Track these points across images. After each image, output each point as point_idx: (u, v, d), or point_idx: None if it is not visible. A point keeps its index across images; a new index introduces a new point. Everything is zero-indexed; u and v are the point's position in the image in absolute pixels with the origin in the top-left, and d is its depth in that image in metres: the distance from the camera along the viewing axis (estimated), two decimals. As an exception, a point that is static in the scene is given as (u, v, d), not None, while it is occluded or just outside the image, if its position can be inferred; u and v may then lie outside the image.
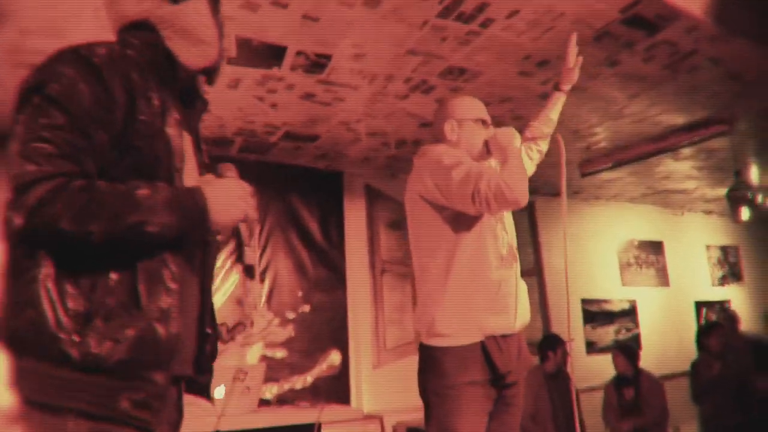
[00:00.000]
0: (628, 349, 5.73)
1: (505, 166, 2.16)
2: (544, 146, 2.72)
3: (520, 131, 2.50)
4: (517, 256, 2.36)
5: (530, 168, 2.67)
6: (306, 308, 5.20)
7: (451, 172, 2.12)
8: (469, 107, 2.45)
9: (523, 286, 2.36)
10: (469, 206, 2.09)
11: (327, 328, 5.27)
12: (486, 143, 2.36)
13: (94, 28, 3.06)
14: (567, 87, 2.68)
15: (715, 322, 7.24)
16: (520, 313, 2.29)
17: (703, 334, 5.62)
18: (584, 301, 7.14)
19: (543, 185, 6.66)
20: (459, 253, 2.20)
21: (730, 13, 3.44)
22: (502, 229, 2.33)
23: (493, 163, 2.46)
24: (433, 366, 2.19)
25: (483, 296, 2.18)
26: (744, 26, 3.54)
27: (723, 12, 3.41)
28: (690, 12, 3.28)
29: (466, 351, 2.15)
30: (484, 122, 2.42)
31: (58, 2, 2.83)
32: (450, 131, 2.40)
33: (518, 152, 2.23)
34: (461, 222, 2.22)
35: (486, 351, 2.14)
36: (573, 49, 2.60)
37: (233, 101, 4.06)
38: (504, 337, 2.21)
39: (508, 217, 2.41)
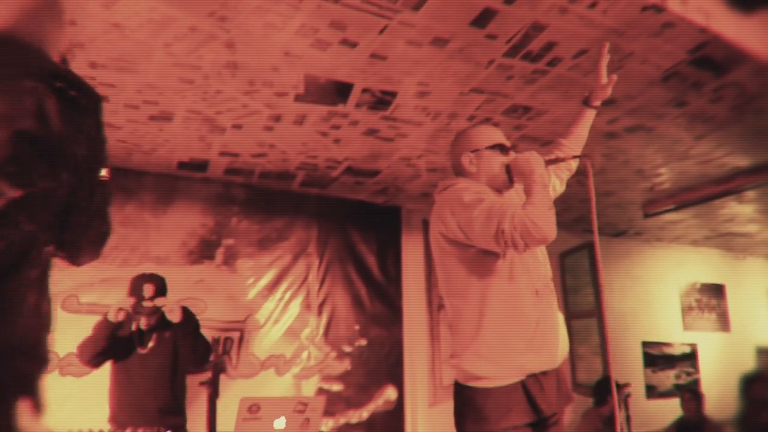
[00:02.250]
0: (697, 394, 5.59)
1: (529, 199, 1.99)
2: (573, 165, 2.57)
3: (582, 167, 2.39)
4: (553, 287, 2.23)
5: (560, 188, 2.55)
6: (363, 342, 5.21)
7: (472, 212, 1.99)
8: (485, 135, 2.30)
9: (560, 318, 2.23)
10: (494, 246, 1.97)
11: (383, 363, 5.26)
12: (507, 170, 2.22)
13: (165, 63, 3.19)
14: (598, 103, 2.54)
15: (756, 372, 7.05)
16: (561, 348, 2.17)
17: (748, 383, 5.48)
18: (645, 344, 6.99)
19: (604, 225, 6.58)
20: (491, 292, 2.08)
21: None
22: (535, 261, 2.19)
23: (515, 193, 2.32)
24: (471, 409, 2.07)
25: (520, 335, 2.06)
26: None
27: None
28: (757, 54, 3.24)
29: (507, 393, 2.02)
30: (502, 148, 2.27)
31: (128, 36, 2.95)
32: (468, 163, 2.26)
33: (542, 179, 2.04)
34: (489, 259, 2.08)
35: (528, 393, 2.03)
36: (605, 63, 2.48)
37: (298, 136, 4.14)
38: (544, 373, 2.09)
39: (543, 249, 2.27)
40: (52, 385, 4.07)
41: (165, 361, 3.57)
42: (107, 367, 3.55)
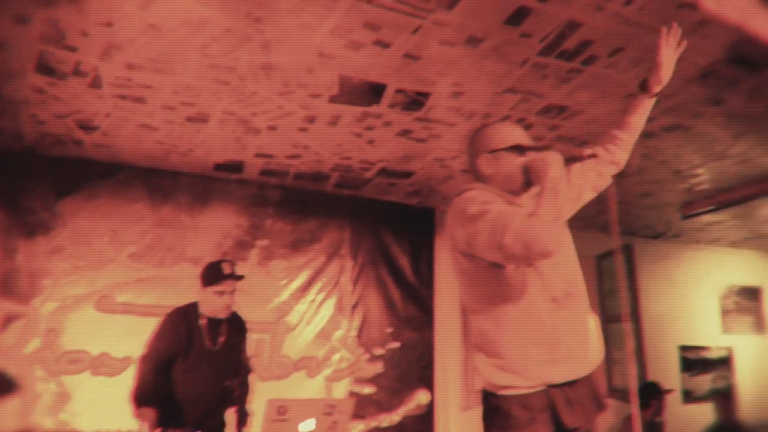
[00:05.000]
0: (731, 398, 5.51)
1: (536, 208, 1.86)
2: (622, 159, 2.34)
3: (623, 169, 2.32)
4: (579, 292, 2.09)
5: (601, 183, 2.34)
6: (395, 345, 5.20)
7: (477, 225, 1.89)
8: (503, 135, 2.15)
9: (592, 323, 2.12)
10: (500, 260, 1.90)
11: (415, 366, 5.24)
12: (525, 171, 2.07)
13: (201, 64, 3.22)
14: (657, 89, 2.24)
15: None
16: (591, 355, 2.07)
17: None
18: (683, 348, 6.89)
19: (641, 227, 6.48)
20: (504, 303, 2.00)
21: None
22: (553, 267, 2.05)
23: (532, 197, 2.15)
24: (497, 416, 2.00)
25: (538, 346, 1.97)
26: None
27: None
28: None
29: (531, 400, 1.96)
30: (520, 148, 2.10)
31: (165, 37, 2.98)
32: (484, 166, 2.14)
33: (555, 184, 1.90)
34: (501, 270, 1.99)
35: (552, 403, 1.96)
36: (665, 43, 2.18)
37: (332, 137, 4.16)
38: (572, 383, 2.00)
39: (564, 253, 2.11)
40: (84, 385, 4.17)
41: (232, 359, 3.49)
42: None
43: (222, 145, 4.32)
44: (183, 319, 3.45)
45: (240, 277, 3.52)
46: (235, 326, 3.60)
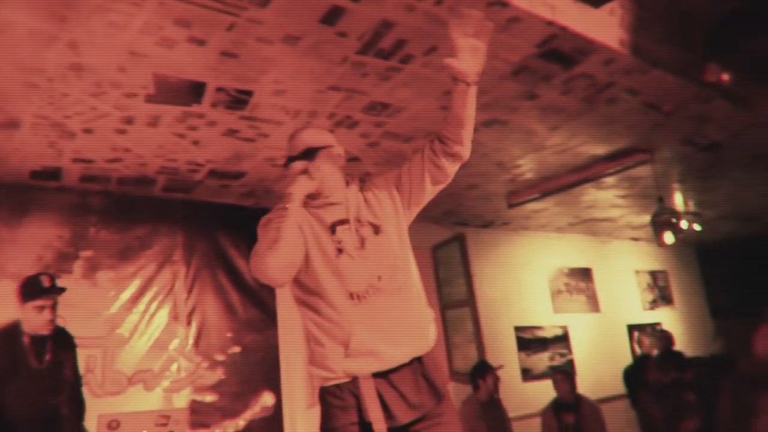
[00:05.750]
0: (569, 374, 5.80)
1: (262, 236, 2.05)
2: (458, 148, 2.19)
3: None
4: (388, 286, 2.11)
5: (440, 176, 2.24)
6: (236, 349, 5.08)
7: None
8: (292, 144, 2.31)
9: (410, 313, 2.14)
10: None
11: (259, 369, 5.15)
12: None
13: (6, 67, 2.97)
14: (462, 77, 2.07)
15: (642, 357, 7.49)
16: (406, 344, 2.08)
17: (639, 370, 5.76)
18: (518, 329, 7.22)
19: (472, 217, 6.76)
20: (304, 306, 2.16)
21: (646, 45, 3.55)
22: (352, 264, 2.10)
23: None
24: (322, 406, 2.12)
25: (333, 341, 2.05)
26: (660, 57, 3.66)
27: (639, 44, 3.51)
28: (606, 45, 3.36)
29: (340, 392, 2.05)
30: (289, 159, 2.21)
31: None
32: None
33: (288, 207, 2.02)
34: (297, 280, 2.13)
35: (356, 394, 2.03)
36: (458, 31, 2.05)
37: (153, 139, 3.97)
38: (395, 371, 2.05)
39: (372, 248, 2.14)
40: None
41: (60, 376, 3.35)
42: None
43: (37, 152, 4.01)
44: (5, 339, 3.27)
45: (61, 290, 3.38)
46: (62, 342, 3.44)
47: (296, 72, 3.32)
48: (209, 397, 4.86)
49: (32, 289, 3.32)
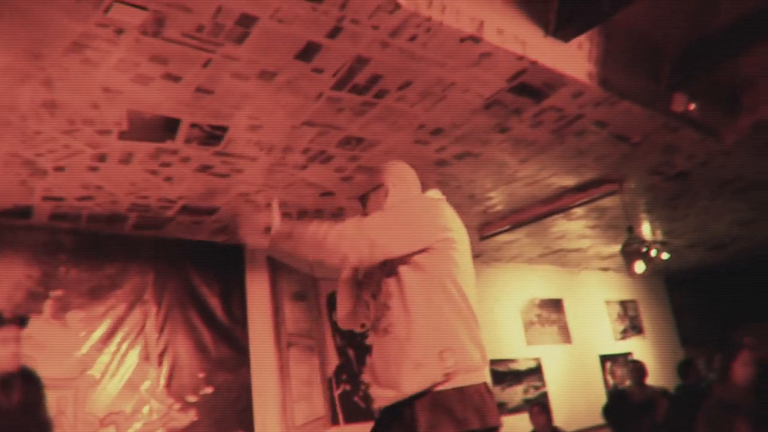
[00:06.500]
0: (545, 406, 5.80)
1: None
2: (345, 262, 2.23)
3: None
4: (381, 324, 2.13)
5: None
6: (209, 390, 4.97)
7: None
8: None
9: (392, 349, 2.05)
10: None
11: (232, 409, 5.04)
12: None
13: None
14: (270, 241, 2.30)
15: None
16: (386, 386, 2.03)
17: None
18: (492, 362, 7.18)
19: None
20: None
21: (614, 77, 3.64)
22: (371, 299, 2.29)
23: None
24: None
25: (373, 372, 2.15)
26: (628, 89, 3.75)
27: (607, 76, 3.60)
28: (575, 78, 3.44)
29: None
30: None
31: None
32: None
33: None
34: None
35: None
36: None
37: (125, 176, 3.93)
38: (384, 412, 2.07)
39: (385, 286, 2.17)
40: None
41: (32, 418, 3.27)
42: None
43: (7, 190, 3.95)
44: None
45: (24, 321, 3.31)
46: (31, 382, 3.34)
47: (271, 107, 3.34)
48: (182, 440, 4.75)
49: None
